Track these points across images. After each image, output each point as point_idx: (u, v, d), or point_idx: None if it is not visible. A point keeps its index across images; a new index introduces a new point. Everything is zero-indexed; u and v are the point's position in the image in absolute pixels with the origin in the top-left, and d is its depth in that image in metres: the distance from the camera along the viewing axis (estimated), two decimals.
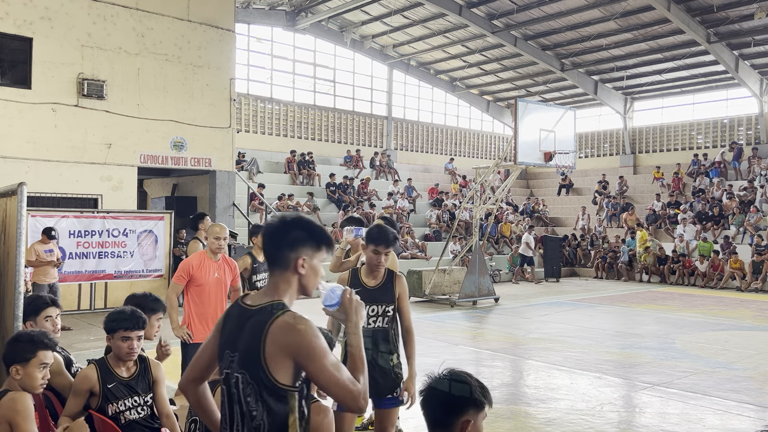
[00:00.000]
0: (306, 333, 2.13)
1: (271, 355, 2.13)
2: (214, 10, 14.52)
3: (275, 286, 2.27)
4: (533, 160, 14.17)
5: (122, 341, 3.54)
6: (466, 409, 2.15)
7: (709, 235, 19.85)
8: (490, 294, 14.36)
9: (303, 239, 2.27)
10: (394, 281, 4.14)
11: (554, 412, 6.10)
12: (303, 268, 2.26)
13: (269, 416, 2.16)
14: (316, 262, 2.30)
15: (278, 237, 2.29)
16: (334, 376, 2.12)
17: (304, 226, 2.31)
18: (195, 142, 14.20)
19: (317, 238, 2.31)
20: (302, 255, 2.26)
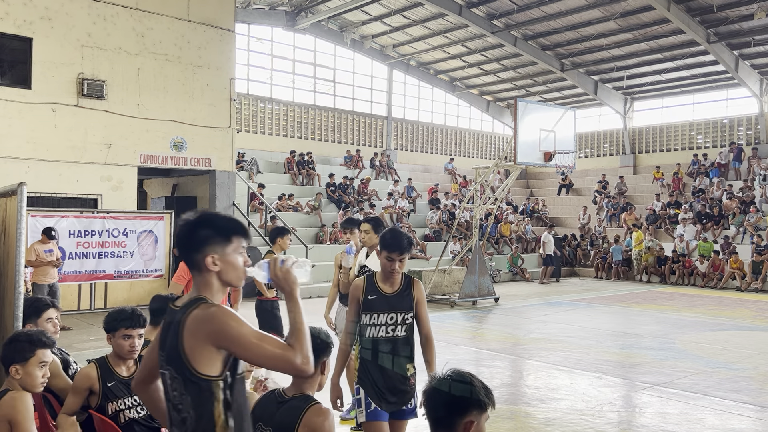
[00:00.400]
0: (217, 317, 2.13)
1: (190, 347, 2.14)
2: (214, 10, 14.52)
3: (196, 286, 2.28)
4: (533, 160, 14.17)
5: (123, 339, 3.56)
6: (469, 410, 2.16)
7: (709, 235, 19.85)
8: (490, 294, 14.36)
9: (207, 237, 2.23)
10: (412, 287, 3.93)
11: (554, 412, 6.10)
12: (215, 265, 2.23)
13: (194, 408, 2.17)
14: (230, 255, 2.26)
15: (184, 241, 2.28)
16: (260, 348, 2.11)
17: (206, 224, 2.27)
18: (195, 142, 14.20)
19: (224, 231, 2.26)
20: (210, 253, 2.23)
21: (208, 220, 2.28)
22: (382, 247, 3.85)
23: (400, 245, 3.77)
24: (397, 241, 3.78)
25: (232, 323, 2.13)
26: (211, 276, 2.25)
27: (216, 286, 2.26)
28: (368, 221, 5.65)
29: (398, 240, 3.79)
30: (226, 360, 2.17)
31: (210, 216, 2.31)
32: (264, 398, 2.95)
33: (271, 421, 2.78)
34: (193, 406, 2.16)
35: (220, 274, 2.25)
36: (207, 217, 2.30)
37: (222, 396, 2.18)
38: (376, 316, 3.85)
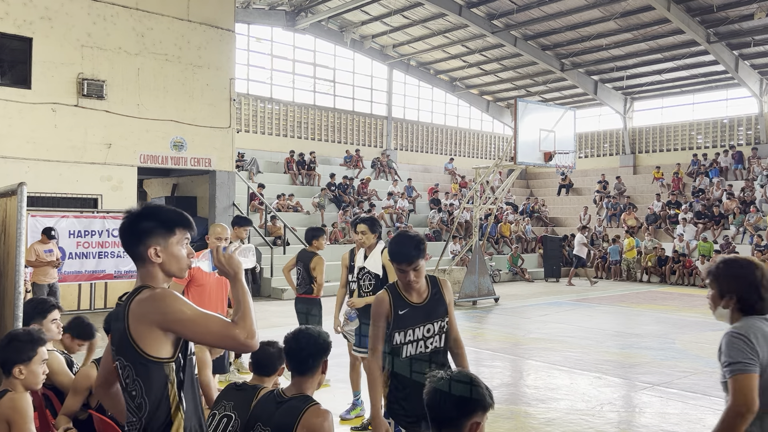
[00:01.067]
0: (158, 299, 2.17)
1: (137, 333, 2.16)
2: (214, 10, 14.52)
3: (140, 277, 2.31)
4: (533, 160, 14.17)
5: None
6: (476, 411, 2.16)
7: (708, 235, 19.85)
8: (490, 294, 14.36)
9: (150, 229, 2.27)
10: (442, 288, 3.50)
11: (554, 412, 6.10)
12: (158, 257, 2.26)
13: (147, 393, 2.18)
14: (173, 246, 2.29)
15: (127, 233, 2.31)
16: (204, 327, 2.15)
17: (149, 216, 2.29)
18: (195, 142, 14.20)
19: (166, 223, 2.29)
20: (152, 245, 2.26)
21: (151, 212, 2.30)
22: (390, 259, 3.48)
23: (407, 254, 3.32)
24: (403, 249, 3.33)
25: (173, 304, 2.16)
26: (154, 267, 2.28)
27: (160, 278, 2.30)
28: (364, 221, 5.63)
29: (403, 248, 3.34)
30: (176, 342, 2.21)
31: (153, 208, 2.32)
32: (263, 398, 2.95)
33: (270, 421, 2.78)
34: (146, 391, 2.18)
35: (162, 265, 2.28)
36: (150, 209, 2.32)
37: (175, 378, 2.21)
38: (411, 332, 3.40)
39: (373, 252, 5.47)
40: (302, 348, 2.87)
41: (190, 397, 2.30)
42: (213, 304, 5.49)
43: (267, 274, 15.18)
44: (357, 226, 5.66)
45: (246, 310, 2.22)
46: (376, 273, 5.38)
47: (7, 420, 2.97)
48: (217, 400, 3.28)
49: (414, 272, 3.33)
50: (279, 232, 16.82)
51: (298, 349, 2.87)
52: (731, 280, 2.72)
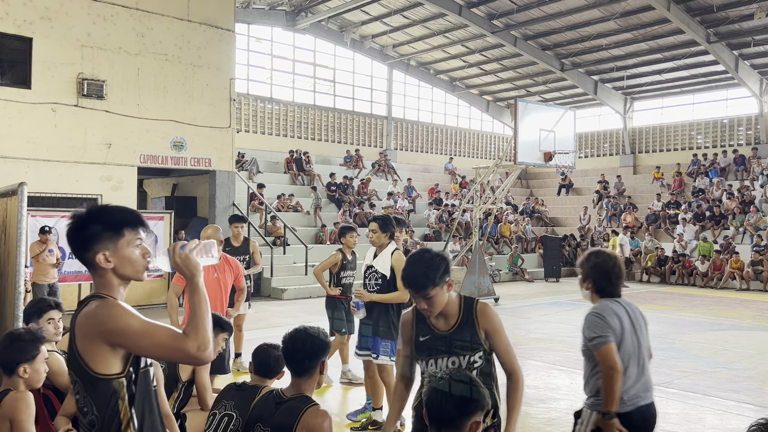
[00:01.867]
0: (102, 312, 2.04)
1: (83, 348, 2.05)
2: (214, 10, 14.51)
3: (95, 285, 2.18)
4: (533, 160, 14.17)
5: None
6: (476, 410, 2.16)
7: (708, 235, 19.85)
8: (490, 294, 14.35)
9: (96, 233, 2.12)
10: (476, 316, 2.94)
11: (554, 412, 6.10)
12: (108, 262, 2.12)
13: (99, 410, 2.07)
14: (123, 249, 2.14)
15: (73, 240, 2.16)
16: (151, 339, 2.01)
17: (94, 219, 2.14)
18: (195, 142, 14.20)
19: (112, 224, 2.14)
20: (100, 250, 2.11)
21: (95, 214, 2.16)
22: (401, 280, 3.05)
23: (414, 280, 2.84)
24: (411, 273, 2.86)
25: (119, 317, 2.03)
26: (107, 273, 2.14)
27: (115, 283, 2.16)
28: (375, 220, 5.61)
29: (412, 272, 2.86)
30: (126, 356, 2.08)
31: (97, 210, 2.19)
32: (263, 398, 2.95)
33: (269, 422, 2.78)
34: (97, 408, 2.07)
35: (115, 270, 2.14)
36: (94, 211, 2.18)
37: (126, 393, 2.09)
38: (433, 363, 2.97)
39: (383, 252, 5.41)
40: (298, 349, 2.85)
41: (147, 412, 2.17)
42: (212, 304, 5.48)
43: (267, 274, 15.18)
44: (369, 225, 5.67)
45: (199, 319, 2.07)
46: (383, 273, 5.33)
47: (10, 418, 2.98)
48: (216, 399, 3.28)
49: (425, 301, 2.83)
50: (279, 232, 16.82)
51: (295, 350, 2.86)
52: (590, 268, 3.35)
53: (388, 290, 5.33)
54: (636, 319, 3.40)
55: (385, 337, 5.30)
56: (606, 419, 3.13)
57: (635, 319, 3.40)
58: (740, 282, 17.54)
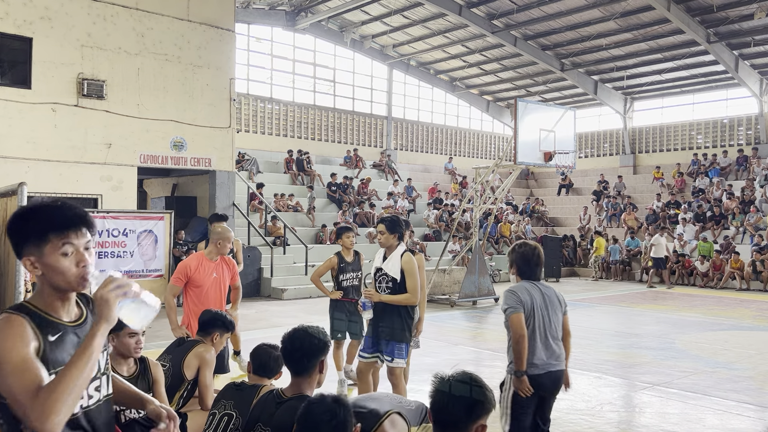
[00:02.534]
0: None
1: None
2: (214, 10, 14.51)
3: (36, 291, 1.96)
4: (533, 160, 14.16)
5: (129, 338, 3.60)
6: (483, 414, 2.15)
7: (708, 235, 19.85)
8: (490, 294, 14.36)
9: (22, 237, 1.90)
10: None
11: (554, 412, 6.08)
12: (35, 269, 1.89)
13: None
14: (48, 257, 1.88)
15: (10, 242, 1.98)
16: (10, 382, 1.72)
17: (19, 220, 1.92)
18: (195, 142, 14.20)
19: (36, 228, 1.89)
20: (26, 255, 1.89)
21: (21, 215, 1.93)
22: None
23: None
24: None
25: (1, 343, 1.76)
26: (39, 279, 1.92)
27: (47, 291, 1.93)
28: (383, 221, 5.59)
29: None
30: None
31: (24, 211, 1.95)
32: (263, 398, 2.95)
33: (269, 422, 2.78)
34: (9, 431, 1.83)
35: (44, 278, 1.91)
36: (21, 212, 1.94)
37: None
38: None
39: (392, 254, 5.29)
40: (297, 348, 2.85)
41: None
42: (211, 304, 5.50)
43: (267, 274, 15.18)
44: (377, 226, 5.64)
45: (63, 386, 1.71)
46: (394, 276, 5.22)
47: None
48: (216, 399, 3.28)
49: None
50: (279, 232, 16.81)
51: (293, 349, 2.86)
52: (515, 256, 4.13)
53: (399, 293, 5.22)
54: (551, 301, 4.07)
55: (400, 340, 5.24)
56: (517, 376, 3.87)
57: (550, 300, 4.07)
58: (740, 282, 17.54)
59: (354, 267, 6.96)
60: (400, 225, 5.44)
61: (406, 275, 5.17)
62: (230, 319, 4.65)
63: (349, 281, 6.92)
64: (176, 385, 4.21)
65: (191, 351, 4.28)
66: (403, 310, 5.25)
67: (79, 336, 1.94)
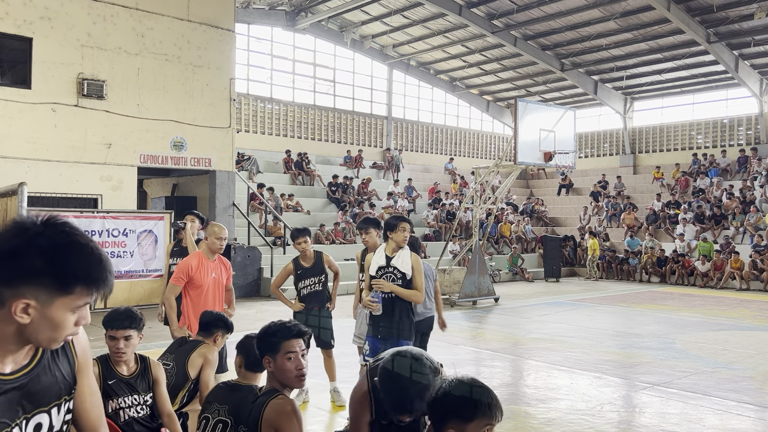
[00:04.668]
0: None
1: None
2: (214, 10, 14.52)
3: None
4: (533, 160, 14.16)
5: (109, 340, 3.59)
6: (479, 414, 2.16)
7: (708, 235, 19.85)
8: (490, 294, 14.36)
9: (33, 271, 1.37)
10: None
11: (554, 412, 6.10)
12: (25, 315, 1.39)
13: None
14: (56, 310, 1.42)
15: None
16: None
17: (40, 247, 1.37)
18: (195, 142, 14.20)
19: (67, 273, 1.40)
20: (25, 297, 1.38)
21: (46, 244, 1.39)
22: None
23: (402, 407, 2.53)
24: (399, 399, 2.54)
25: None
26: (10, 323, 1.41)
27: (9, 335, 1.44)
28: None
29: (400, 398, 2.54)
30: None
31: (54, 238, 1.40)
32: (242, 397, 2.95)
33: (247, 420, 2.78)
34: None
35: (24, 328, 1.42)
36: (54, 235, 1.40)
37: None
38: None
39: (401, 252, 5.27)
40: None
41: None
42: (210, 305, 5.49)
43: (267, 274, 15.18)
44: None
45: None
46: (404, 272, 5.19)
47: None
48: (207, 401, 3.21)
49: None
50: (279, 232, 16.81)
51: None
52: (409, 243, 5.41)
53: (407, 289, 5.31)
54: (429, 271, 6.25)
55: (407, 338, 5.28)
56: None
57: (428, 270, 6.18)
58: (740, 282, 17.53)
59: (315, 271, 6.47)
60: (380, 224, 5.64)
61: (415, 273, 5.22)
62: (229, 320, 4.67)
63: (310, 287, 6.45)
64: (180, 384, 4.21)
65: (195, 350, 4.29)
66: (410, 308, 5.30)
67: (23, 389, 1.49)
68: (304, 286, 6.44)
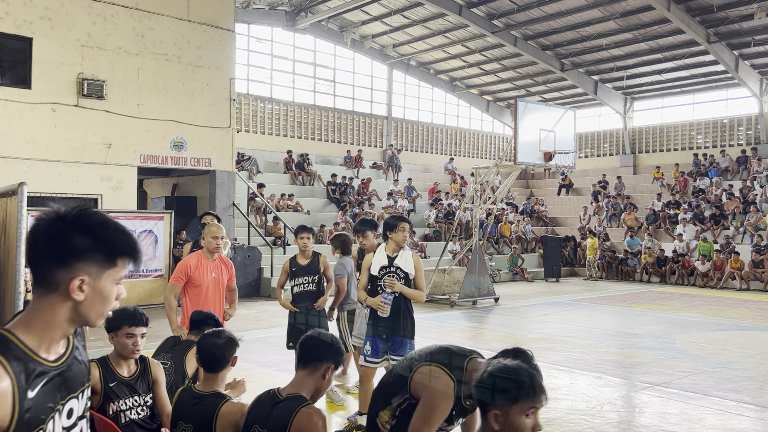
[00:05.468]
0: None
1: None
2: (214, 10, 14.52)
3: (31, 310, 1.58)
4: (533, 160, 14.17)
5: (127, 338, 3.57)
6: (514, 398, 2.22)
7: (708, 235, 19.85)
8: (490, 294, 14.36)
9: (82, 249, 1.54)
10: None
11: (554, 412, 6.10)
12: (80, 292, 1.54)
13: None
14: (105, 282, 1.58)
15: (45, 243, 1.54)
16: None
17: (84, 229, 1.55)
18: (195, 142, 14.20)
19: (110, 247, 1.58)
20: (80, 274, 1.54)
21: (92, 225, 1.58)
22: None
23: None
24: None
25: None
26: (63, 306, 1.56)
27: (60, 320, 1.57)
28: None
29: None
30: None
31: (97, 219, 1.59)
32: (260, 399, 2.94)
33: (265, 423, 2.77)
34: None
35: (80, 306, 1.57)
36: (93, 219, 1.59)
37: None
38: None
39: (402, 252, 5.31)
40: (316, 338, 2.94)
41: None
42: (210, 305, 5.49)
43: (267, 273, 15.18)
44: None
45: None
46: (408, 271, 5.24)
47: None
48: (174, 418, 3.22)
49: None
50: (279, 232, 16.81)
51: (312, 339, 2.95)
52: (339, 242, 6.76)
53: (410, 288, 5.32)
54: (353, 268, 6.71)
55: (410, 337, 5.29)
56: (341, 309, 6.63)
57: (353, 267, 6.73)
58: (740, 282, 17.53)
59: (309, 270, 6.47)
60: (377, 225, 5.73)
61: (418, 273, 5.25)
62: (220, 321, 4.63)
63: (302, 286, 6.46)
64: (179, 382, 4.22)
65: (191, 349, 4.29)
66: (411, 307, 5.33)
67: (62, 376, 1.60)
68: (296, 284, 6.50)
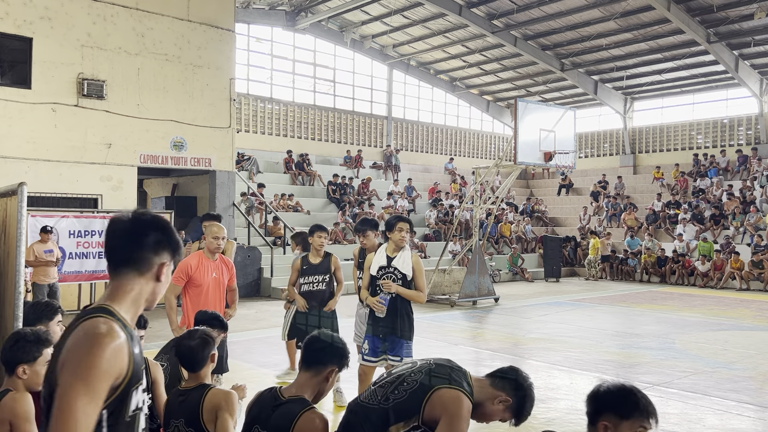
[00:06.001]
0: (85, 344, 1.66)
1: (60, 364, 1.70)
2: (214, 10, 14.52)
3: (113, 290, 1.84)
4: (533, 160, 14.17)
5: None
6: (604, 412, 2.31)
7: (708, 235, 19.85)
8: (490, 294, 14.36)
9: (164, 243, 1.89)
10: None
11: (554, 412, 6.10)
12: (164, 276, 1.90)
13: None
14: (170, 269, 1.95)
15: (135, 235, 1.85)
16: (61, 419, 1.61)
17: (163, 228, 1.91)
18: (195, 142, 14.20)
19: (174, 241, 1.93)
20: (165, 260, 1.89)
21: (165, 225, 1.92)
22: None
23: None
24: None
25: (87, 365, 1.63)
26: (149, 285, 1.88)
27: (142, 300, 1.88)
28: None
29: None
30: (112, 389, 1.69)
31: (165, 222, 1.95)
32: (261, 398, 2.93)
33: (266, 424, 2.76)
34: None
35: (158, 287, 1.91)
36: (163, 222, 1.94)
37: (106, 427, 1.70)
38: None
39: (401, 252, 5.29)
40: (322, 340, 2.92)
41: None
42: (211, 305, 5.49)
43: (267, 274, 15.18)
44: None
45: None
46: (405, 273, 5.21)
47: (9, 420, 2.97)
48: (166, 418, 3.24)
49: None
50: (279, 232, 16.82)
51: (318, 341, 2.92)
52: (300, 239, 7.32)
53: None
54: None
55: (408, 338, 5.26)
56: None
57: None
58: (740, 282, 17.53)
59: (319, 270, 6.51)
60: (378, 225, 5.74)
61: (416, 274, 5.21)
62: (224, 319, 4.63)
63: (311, 285, 6.49)
64: (174, 385, 4.20)
65: None
66: (410, 308, 5.29)
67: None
68: (305, 282, 6.51)
